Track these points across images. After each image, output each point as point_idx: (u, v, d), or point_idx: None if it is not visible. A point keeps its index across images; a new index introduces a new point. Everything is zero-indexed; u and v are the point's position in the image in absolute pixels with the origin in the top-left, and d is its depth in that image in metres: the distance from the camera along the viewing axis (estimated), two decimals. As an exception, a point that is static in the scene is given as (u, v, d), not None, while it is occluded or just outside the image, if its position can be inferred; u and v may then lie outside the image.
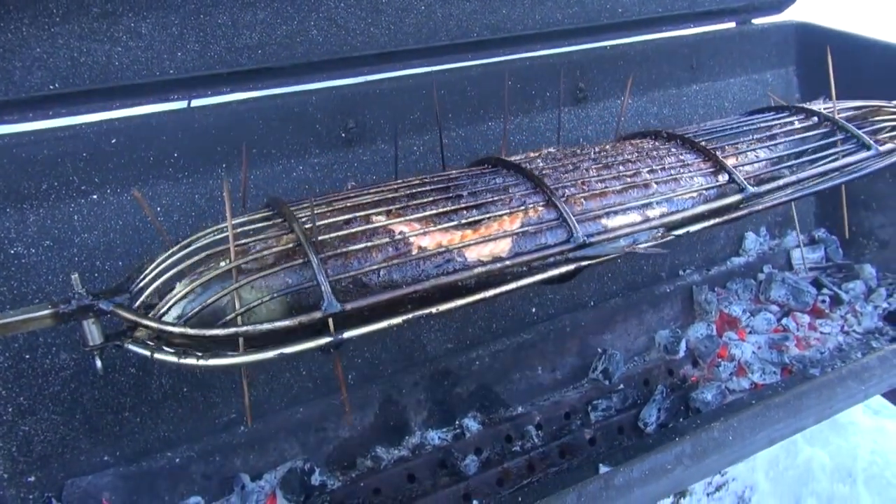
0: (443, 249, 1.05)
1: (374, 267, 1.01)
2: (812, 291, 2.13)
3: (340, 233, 1.03)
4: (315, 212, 1.02)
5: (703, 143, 1.42)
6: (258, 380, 1.67)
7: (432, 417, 1.80)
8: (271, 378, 1.68)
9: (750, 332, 2.06)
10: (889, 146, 1.47)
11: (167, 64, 1.60)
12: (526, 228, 1.14)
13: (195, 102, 1.64)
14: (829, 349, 1.99)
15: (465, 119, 1.86)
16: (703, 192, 1.34)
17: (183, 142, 1.55)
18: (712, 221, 1.29)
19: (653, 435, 1.75)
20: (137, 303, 0.92)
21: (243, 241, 0.99)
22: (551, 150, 1.44)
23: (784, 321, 2.09)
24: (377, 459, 1.71)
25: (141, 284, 0.93)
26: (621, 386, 1.94)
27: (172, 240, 1.07)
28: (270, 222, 1.04)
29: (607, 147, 1.41)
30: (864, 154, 1.44)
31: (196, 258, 0.96)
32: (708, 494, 2.31)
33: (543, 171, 1.24)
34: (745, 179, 1.34)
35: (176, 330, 0.87)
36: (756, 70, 2.30)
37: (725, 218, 1.31)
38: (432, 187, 1.18)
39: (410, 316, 0.97)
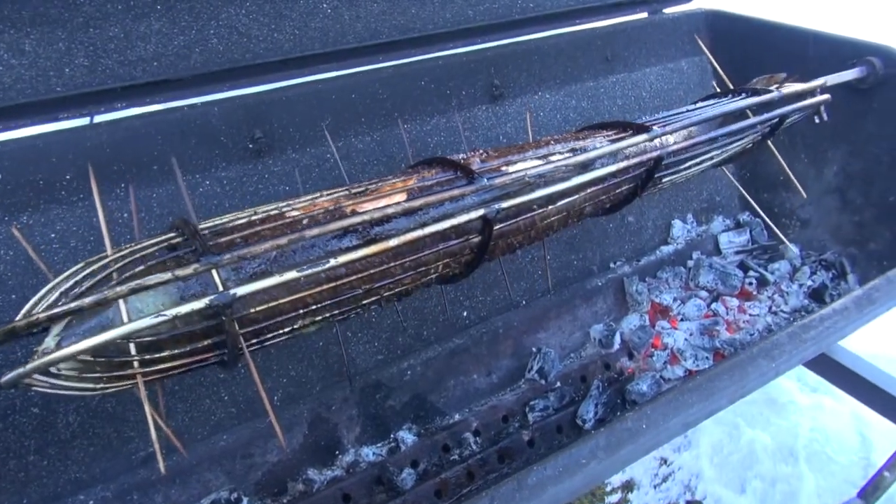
0: (333, 208, 1.05)
1: (254, 218, 0.98)
2: (739, 274, 2.21)
3: (224, 219, 1.02)
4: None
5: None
6: (176, 409, 1.63)
7: (365, 433, 1.79)
8: (190, 406, 1.64)
9: (681, 320, 2.12)
10: (790, 89, 1.57)
11: (54, 81, 1.55)
12: (422, 183, 1.14)
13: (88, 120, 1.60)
14: (759, 330, 2.07)
15: (379, 122, 1.85)
16: (609, 141, 1.37)
17: (75, 162, 1.50)
18: (627, 162, 1.31)
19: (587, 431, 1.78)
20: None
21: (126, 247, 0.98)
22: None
23: (714, 306, 2.16)
24: (309, 482, 1.69)
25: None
26: (558, 384, 1.97)
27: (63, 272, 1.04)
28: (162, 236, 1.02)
29: None
30: (767, 96, 1.52)
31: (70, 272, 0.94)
32: (655, 486, 2.37)
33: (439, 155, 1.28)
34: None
35: (42, 316, 0.83)
36: (671, 59, 2.38)
37: (640, 159, 1.33)
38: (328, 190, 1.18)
39: (307, 268, 0.93)
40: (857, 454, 2.43)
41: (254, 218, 1.02)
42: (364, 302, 1.14)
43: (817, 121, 1.84)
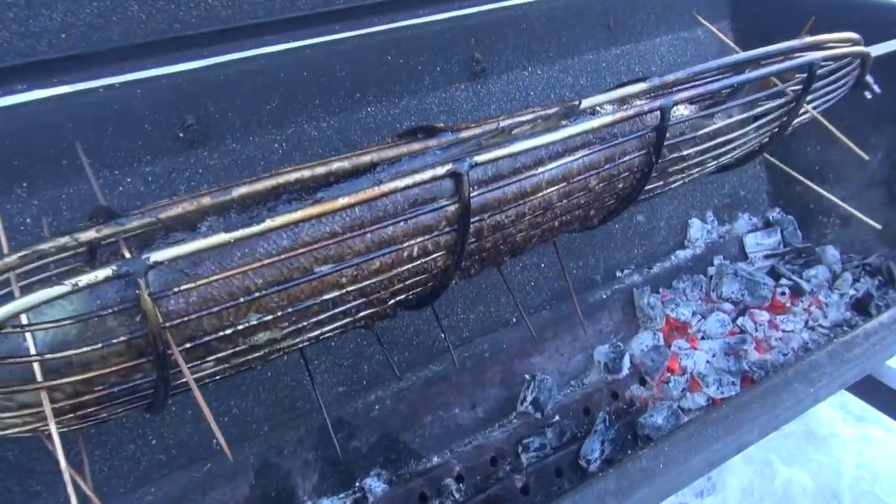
0: (268, 175, 1.04)
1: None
2: (769, 283, 2.25)
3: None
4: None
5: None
6: (93, 456, 1.61)
7: (325, 481, 1.79)
8: (111, 453, 1.63)
9: (702, 338, 2.15)
10: (809, 39, 1.61)
11: (-62, 58, 1.54)
12: (378, 148, 1.16)
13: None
14: (794, 349, 2.10)
15: (337, 105, 1.86)
16: None
17: (-34, 157, 1.49)
18: (623, 114, 1.30)
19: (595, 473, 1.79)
20: None
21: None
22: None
23: (740, 321, 2.19)
24: (257, 542, 1.69)
25: None
26: (556, 418, 1.99)
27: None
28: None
29: None
30: (785, 44, 1.55)
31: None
32: (674, 538, 2.39)
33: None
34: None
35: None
36: (684, 27, 2.42)
37: (638, 110, 1.33)
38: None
39: (239, 228, 0.91)
40: (911, 495, 2.48)
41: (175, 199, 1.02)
42: (326, 297, 1.12)
43: (868, 96, 1.86)
